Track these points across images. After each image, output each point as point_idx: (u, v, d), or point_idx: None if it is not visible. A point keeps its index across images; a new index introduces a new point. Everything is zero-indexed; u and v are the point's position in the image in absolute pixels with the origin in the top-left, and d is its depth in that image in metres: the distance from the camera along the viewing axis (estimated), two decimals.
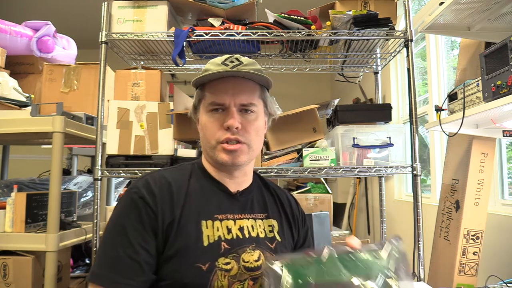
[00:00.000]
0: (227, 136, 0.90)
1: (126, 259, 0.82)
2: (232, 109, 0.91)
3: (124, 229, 0.85)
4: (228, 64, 0.92)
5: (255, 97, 0.94)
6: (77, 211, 2.09)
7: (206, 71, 0.93)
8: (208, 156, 0.97)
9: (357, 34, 1.68)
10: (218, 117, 0.92)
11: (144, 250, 0.84)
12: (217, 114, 0.92)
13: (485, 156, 1.71)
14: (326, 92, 5.97)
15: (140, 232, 0.84)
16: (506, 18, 1.52)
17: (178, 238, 0.86)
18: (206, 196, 0.94)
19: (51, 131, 1.69)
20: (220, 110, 0.92)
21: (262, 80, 0.95)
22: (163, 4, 1.75)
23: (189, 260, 0.84)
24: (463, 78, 1.86)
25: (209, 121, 0.92)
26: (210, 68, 0.93)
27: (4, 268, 1.67)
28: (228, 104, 0.91)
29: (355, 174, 1.74)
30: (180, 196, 0.90)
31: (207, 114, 0.93)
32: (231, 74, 0.91)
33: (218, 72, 0.90)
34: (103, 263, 0.84)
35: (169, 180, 0.92)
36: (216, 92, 0.92)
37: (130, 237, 0.84)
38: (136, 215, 0.86)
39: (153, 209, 0.86)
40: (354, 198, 4.49)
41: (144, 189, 0.88)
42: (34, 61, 2.37)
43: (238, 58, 0.94)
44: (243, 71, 0.91)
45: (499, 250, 1.92)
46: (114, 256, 0.83)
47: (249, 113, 0.93)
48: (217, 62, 0.93)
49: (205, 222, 0.89)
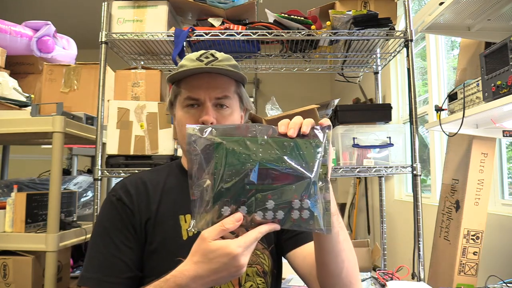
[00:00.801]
0: None
1: (109, 257, 0.86)
2: (207, 104, 0.91)
3: (106, 230, 0.89)
4: (203, 60, 0.92)
5: (230, 92, 0.95)
6: (77, 211, 2.09)
7: (181, 66, 0.94)
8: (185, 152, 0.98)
9: (357, 34, 1.68)
10: (193, 112, 0.92)
11: (127, 247, 0.87)
12: (193, 109, 0.93)
13: (485, 156, 1.71)
14: (326, 92, 5.97)
15: (122, 231, 0.88)
16: (506, 18, 1.52)
17: (156, 234, 0.88)
18: (183, 192, 0.95)
19: (51, 131, 1.69)
20: (195, 105, 0.93)
21: (236, 76, 0.96)
22: (163, 4, 1.75)
23: (169, 255, 0.86)
24: (463, 78, 1.86)
25: (185, 116, 0.93)
26: (185, 64, 0.93)
27: (4, 268, 1.67)
28: (203, 99, 0.92)
29: (355, 174, 1.74)
30: (156, 194, 0.93)
31: (183, 109, 0.94)
32: (205, 70, 0.92)
33: (193, 69, 0.91)
34: (89, 265, 0.87)
35: (144, 180, 0.95)
36: (191, 87, 0.93)
37: (112, 237, 0.87)
38: (115, 215, 0.89)
39: (130, 207, 0.90)
40: (354, 198, 4.49)
41: (121, 191, 0.92)
42: (34, 61, 2.37)
43: (213, 54, 0.95)
44: (217, 67, 0.91)
45: (499, 250, 1.92)
46: (98, 257, 0.87)
47: (224, 108, 0.94)
48: (192, 58, 0.94)
49: (183, 216, 0.91)
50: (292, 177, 0.64)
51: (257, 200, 0.63)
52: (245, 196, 0.63)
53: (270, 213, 0.63)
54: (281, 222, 0.64)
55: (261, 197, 0.63)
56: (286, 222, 0.64)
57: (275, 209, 0.63)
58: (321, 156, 0.66)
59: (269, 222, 0.64)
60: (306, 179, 0.64)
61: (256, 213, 0.63)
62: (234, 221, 0.62)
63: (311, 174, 0.65)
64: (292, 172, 0.64)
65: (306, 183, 0.64)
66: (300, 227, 0.65)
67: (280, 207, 0.64)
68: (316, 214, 0.64)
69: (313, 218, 0.64)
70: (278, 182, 0.64)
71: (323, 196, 0.66)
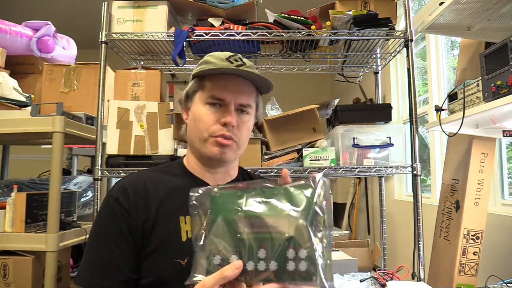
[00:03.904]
0: (222, 132, 0.91)
1: (103, 261, 0.85)
2: (231, 107, 0.91)
3: (101, 232, 0.89)
4: (232, 62, 0.92)
5: (252, 99, 0.96)
6: (77, 211, 2.09)
7: (207, 63, 0.93)
8: (194, 149, 0.96)
9: (357, 34, 1.68)
10: (215, 111, 0.92)
11: (120, 250, 0.86)
12: (214, 108, 0.92)
13: (485, 156, 1.71)
14: (326, 92, 5.97)
15: (116, 234, 0.87)
16: (506, 18, 1.52)
17: (155, 235, 0.87)
18: (184, 192, 0.94)
19: (51, 131, 1.69)
20: (217, 105, 0.92)
21: (264, 85, 0.96)
22: (163, 4, 1.75)
23: (167, 256, 0.86)
24: (463, 78, 1.86)
25: (206, 113, 0.92)
26: (213, 61, 0.93)
27: (4, 268, 1.67)
28: (228, 101, 0.91)
29: (355, 174, 1.74)
30: (157, 194, 0.92)
31: (204, 106, 0.93)
32: (239, 73, 0.92)
33: (225, 68, 0.90)
34: (84, 266, 0.87)
35: (144, 180, 0.94)
36: (218, 87, 0.92)
37: (106, 240, 0.87)
38: (111, 217, 0.88)
39: (127, 208, 0.88)
40: (354, 198, 4.49)
41: (119, 191, 0.91)
42: (34, 61, 2.37)
43: (241, 58, 0.94)
44: (250, 71, 0.91)
45: (499, 250, 1.93)
46: (93, 259, 0.87)
47: (244, 114, 0.94)
48: (221, 57, 0.93)
49: (183, 217, 0.90)
50: (284, 223, 0.61)
51: (249, 249, 0.61)
52: (236, 245, 0.61)
53: (262, 264, 0.60)
54: (277, 276, 0.60)
55: (253, 246, 0.61)
56: (282, 275, 0.60)
57: (267, 259, 0.60)
58: (315, 201, 0.63)
59: (264, 273, 0.60)
60: (298, 224, 0.61)
61: (248, 263, 0.61)
62: (234, 269, 0.60)
63: (303, 220, 0.61)
64: (282, 218, 0.61)
65: (299, 230, 0.60)
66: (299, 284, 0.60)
67: (273, 257, 0.60)
68: (315, 266, 0.60)
69: (312, 271, 0.59)
70: (269, 229, 0.61)
71: (323, 245, 0.61)
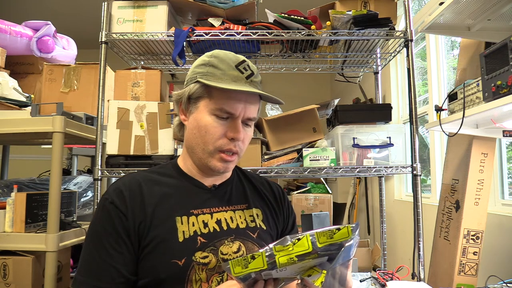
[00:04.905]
0: (229, 147, 0.91)
1: (101, 263, 0.85)
2: (239, 121, 0.91)
3: (98, 234, 0.88)
4: (243, 72, 0.91)
5: (257, 110, 0.96)
6: (77, 211, 2.09)
7: (215, 67, 0.91)
8: (194, 155, 0.95)
9: (357, 34, 1.68)
10: (222, 123, 0.90)
11: (118, 253, 0.86)
12: (222, 120, 0.90)
13: (485, 156, 1.71)
14: (326, 92, 5.97)
15: (113, 236, 0.87)
16: (506, 18, 1.52)
17: (152, 236, 0.88)
18: (180, 193, 0.95)
19: (51, 131, 1.69)
20: (225, 118, 0.91)
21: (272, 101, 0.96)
22: (163, 4, 1.75)
23: (164, 257, 0.86)
24: (463, 78, 1.86)
25: (213, 126, 0.90)
26: (222, 68, 0.90)
27: (4, 268, 1.67)
28: (238, 114, 0.90)
29: (355, 174, 1.74)
30: (152, 196, 0.92)
31: (211, 116, 0.90)
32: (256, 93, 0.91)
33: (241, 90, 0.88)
34: (82, 269, 0.87)
35: (139, 181, 0.93)
36: (228, 100, 0.89)
37: (104, 242, 0.86)
38: (107, 220, 0.88)
39: (123, 211, 0.88)
40: (354, 198, 4.49)
41: (114, 194, 0.90)
42: (34, 61, 2.37)
43: (249, 65, 0.93)
44: (268, 95, 0.92)
45: (499, 250, 1.93)
46: (90, 262, 0.87)
47: (248, 127, 0.95)
48: (230, 64, 0.91)
49: (179, 218, 0.90)
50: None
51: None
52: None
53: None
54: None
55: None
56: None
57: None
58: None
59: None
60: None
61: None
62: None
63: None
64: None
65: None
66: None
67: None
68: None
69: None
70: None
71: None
